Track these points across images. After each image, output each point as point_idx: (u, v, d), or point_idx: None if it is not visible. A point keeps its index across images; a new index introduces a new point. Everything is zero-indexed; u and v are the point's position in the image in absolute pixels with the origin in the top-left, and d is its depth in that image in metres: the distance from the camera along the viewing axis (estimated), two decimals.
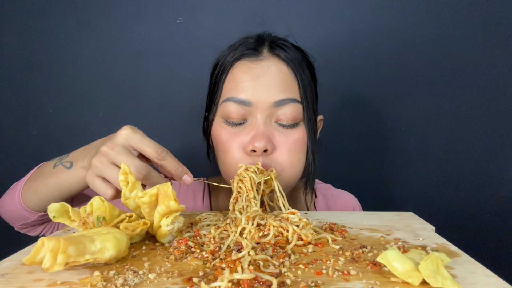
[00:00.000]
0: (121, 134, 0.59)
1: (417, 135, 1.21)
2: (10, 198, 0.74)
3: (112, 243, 0.45)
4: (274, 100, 0.72)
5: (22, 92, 1.20)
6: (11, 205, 0.74)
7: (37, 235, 0.81)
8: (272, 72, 0.73)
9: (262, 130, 0.72)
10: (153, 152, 0.59)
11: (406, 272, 0.40)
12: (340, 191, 0.99)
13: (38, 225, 0.79)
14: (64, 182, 0.68)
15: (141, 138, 0.59)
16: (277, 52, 0.75)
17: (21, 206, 0.72)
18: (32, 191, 0.72)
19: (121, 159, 0.57)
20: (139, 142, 0.59)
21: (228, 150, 0.74)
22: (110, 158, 0.58)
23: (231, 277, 0.39)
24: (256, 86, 0.72)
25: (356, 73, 1.19)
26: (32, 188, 0.72)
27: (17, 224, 0.77)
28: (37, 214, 0.73)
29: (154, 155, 0.59)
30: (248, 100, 0.72)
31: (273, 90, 0.72)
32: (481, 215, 1.22)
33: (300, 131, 0.75)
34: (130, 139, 0.59)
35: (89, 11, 1.17)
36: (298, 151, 0.75)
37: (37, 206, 0.72)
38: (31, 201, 0.72)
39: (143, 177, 0.58)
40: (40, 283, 0.41)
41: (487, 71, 1.18)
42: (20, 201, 0.72)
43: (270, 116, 0.73)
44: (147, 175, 0.58)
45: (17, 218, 0.75)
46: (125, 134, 0.59)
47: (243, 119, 0.74)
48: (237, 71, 0.75)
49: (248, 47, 0.76)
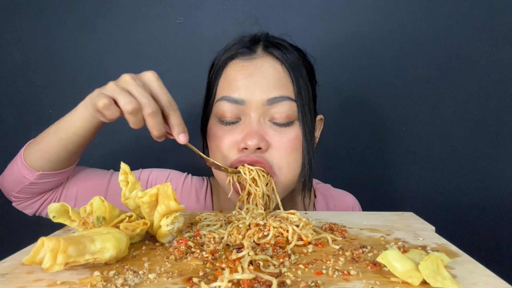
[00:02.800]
0: (146, 74, 0.62)
1: (417, 135, 1.21)
2: (13, 161, 0.76)
3: (112, 243, 0.45)
4: (267, 98, 0.72)
5: (22, 92, 1.20)
6: (12, 167, 0.75)
7: (33, 214, 0.81)
8: (265, 70, 0.73)
9: (255, 129, 0.72)
10: (166, 100, 0.62)
11: (406, 272, 0.40)
12: (339, 191, 0.99)
13: (36, 197, 0.78)
14: (64, 124, 0.69)
15: (161, 85, 0.63)
16: (271, 50, 0.75)
17: (21, 163, 0.73)
18: (34, 144, 0.73)
19: (139, 91, 0.59)
20: (158, 87, 0.62)
21: (220, 146, 0.74)
22: (128, 86, 0.60)
23: (231, 277, 0.39)
24: (249, 85, 0.72)
25: (356, 73, 1.19)
26: (34, 142, 0.73)
27: (15, 191, 0.76)
28: (35, 173, 0.73)
29: (167, 103, 0.62)
30: (241, 98, 0.72)
31: (266, 88, 0.72)
32: (481, 215, 1.22)
33: (295, 130, 0.74)
34: (152, 81, 0.62)
35: (89, 11, 1.17)
36: (294, 150, 0.74)
37: (36, 160, 0.72)
38: (31, 155, 0.72)
39: (151, 112, 0.59)
40: (40, 283, 0.41)
41: (487, 71, 1.18)
42: (21, 158, 0.73)
43: (264, 114, 0.73)
44: (155, 112, 0.60)
45: (16, 180, 0.75)
46: (150, 75, 0.62)
47: (237, 118, 0.74)
48: (230, 70, 0.75)
49: (242, 45, 0.76)
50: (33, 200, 0.79)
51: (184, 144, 0.65)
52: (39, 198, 0.79)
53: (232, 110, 0.73)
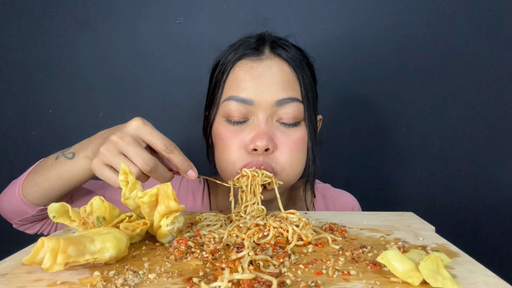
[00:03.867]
0: (132, 125, 0.60)
1: (417, 135, 1.21)
2: (10, 192, 0.75)
3: (112, 243, 0.45)
4: (276, 99, 0.72)
5: (22, 92, 1.20)
6: (10, 199, 0.74)
7: (35, 233, 0.81)
8: (274, 72, 0.73)
9: (264, 129, 0.72)
10: (161, 144, 0.60)
11: (406, 272, 0.40)
12: (339, 191, 0.99)
13: (37, 222, 0.79)
14: (66, 173, 0.68)
15: (151, 130, 0.61)
16: (278, 51, 0.75)
17: (21, 200, 0.72)
18: (33, 184, 0.72)
19: (130, 149, 0.58)
20: (148, 134, 0.60)
21: (228, 147, 0.74)
22: (119, 148, 0.58)
23: (231, 277, 0.39)
24: (258, 85, 0.72)
25: (356, 73, 1.19)
26: (33, 180, 0.72)
27: (16, 220, 0.77)
28: (36, 209, 0.73)
29: (163, 148, 0.60)
30: (249, 99, 0.72)
31: (275, 89, 0.72)
32: (481, 215, 1.22)
33: (301, 130, 0.75)
34: (140, 130, 0.60)
35: (89, 11, 1.17)
36: (298, 150, 0.75)
37: (37, 200, 0.72)
38: (31, 194, 0.72)
39: (150, 169, 0.59)
40: (40, 283, 0.41)
41: (487, 71, 1.18)
42: (20, 194, 0.72)
43: (272, 115, 0.73)
44: (154, 167, 0.59)
45: (16, 213, 0.75)
46: (135, 125, 0.60)
47: (244, 118, 0.74)
48: (239, 70, 0.75)
49: (249, 46, 0.76)
50: (34, 224, 0.79)
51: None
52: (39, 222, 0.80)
53: (240, 110, 0.73)
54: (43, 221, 0.79)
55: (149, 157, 0.59)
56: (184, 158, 0.63)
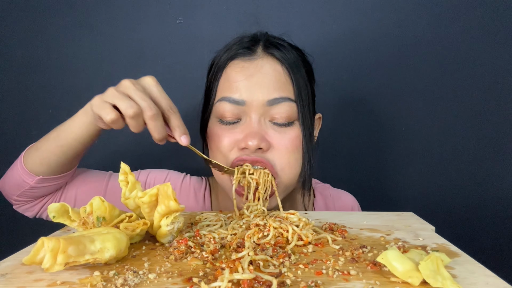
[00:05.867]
0: (146, 79, 0.63)
1: (417, 135, 1.21)
2: (13, 165, 0.76)
3: (112, 243, 0.45)
4: (267, 99, 0.72)
5: (22, 92, 1.20)
6: (13, 172, 0.75)
7: (34, 216, 0.81)
8: (266, 71, 0.73)
9: (256, 129, 0.72)
10: (167, 102, 0.63)
11: (406, 272, 0.40)
12: (338, 191, 0.99)
13: (36, 201, 0.79)
14: (64, 131, 0.70)
15: (161, 89, 0.64)
16: (271, 51, 0.75)
17: (21, 168, 0.73)
18: (34, 149, 0.73)
19: (138, 93, 0.60)
20: (158, 91, 0.63)
21: (220, 146, 0.75)
22: (128, 91, 0.60)
23: (231, 277, 0.39)
24: (250, 85, 0.72)
25: (356, 73, 1.19)
26: (34, 146, 0.74)
27: (15, 195, 0.77)
28: (35, 178, 0.73)
29: (167, 106, 0.63)
30: (241, 99, 0.72)
31: (266, 89, 0.72)
32: (481, 215, 1.22)
33: (295, 130, 0.75)
34: (152, 85, 0.63)
35: (89, 11, 1.17)
36: (295, 150, 0.75)
37: (37, 166, 0.72)
38: (31, 160, 0.72)
39: (152, 115, 0.60)
40: (40, 283, 0.41)
41: (487, 71, 1.18)
42: (21, 162, 0.73)
43: (264, 114, 0.73)
44: (156, 114, 0.60)
45: (16, 185, 0.75)
46: (149, 80, 0.63)
47: (237, 118, 0.74)
48: (230, 70, 0.75)
49: (242, 46, 0.76)
50: (33, 203, 0.79)
51: (185, 146, 0.65)
52: (39, 201, 0.80)
53: (233, 110, 0.73)
54: (42, 202, 0.79)
55: (153, 105, 0.60)
56: (182, 122, 0.64)
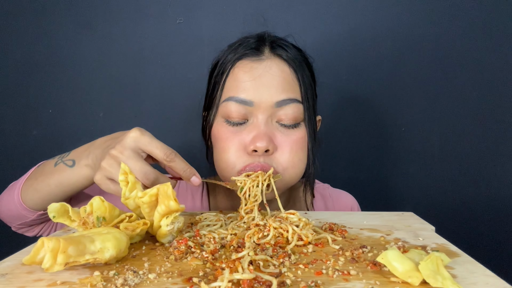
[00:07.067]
0: (130, 137, 0.60)
1: (417, 135, 1.21)
2: (8, 197, 0.74)
3: (112, 243, 0.45)
4: (275, 100, 0.72)
5: (22, 92, 1.20)
6: (9, 204, 0.74)
7: (34, 236, 0.81)
8: (274, 72, 0.73)
9: (264, 130, 0.71)
10: (161, 154, 0.60)
11: (406, 272, 0.40)
12: (338, 191, 0.99)
13: (36, 225, 0.79)
14: (66, 180, 0.68)
15: (150, 140, 0.60)
16: (278, 52, 0.75)
17: (20, 205, 0.72)
18: (32, 190, 0.72)
19: (130, 163, 0.58)
20: (147, 144, 0.60)
21: (228, 148, 0.74)
22: (119, 162, 0.59)
23: (231, 277, 0.39)
24: (258, 86, 0.72)
25: (356, 73, 1.19)
26: (32, 186, 0.72)
27: (15, 224, 0.77)
28: (36, 213, 0.73)
29: (163, 157, 0.60)
30: (249, 100, 0.72)
31: (274, 90, 0.72)
32: (481, 215, 1.22)
33: (301, 131, 0.75)
34: (138, 142, 0.60)
35: (89, 11, 1.17)
36: (299, 150, 0.75)
37: (37, 205, 0.72)
38: (30, 200, 0.72)
39: (151, 182, 0.59)
40: (40, 283, 0.41)
41: (487, 71, 1.18)
42: (19, 199, 0.72)
43: (272, 116, 0.73)
44: (155, 180, 0.59)
45: (16, 217, 0.75)
46: (133, 136, 0.60)
47: (244, 119, 0.73)
48: (238, 70, 0.74)
49: (249, 46, 0.76)
50: (33, 227, 0.79)
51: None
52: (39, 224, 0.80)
53: (240, 110, 0.72)
54: (42, 224, 0.79)
55: (149, 170, 0.59)
56: (186, 165, 0.62)
